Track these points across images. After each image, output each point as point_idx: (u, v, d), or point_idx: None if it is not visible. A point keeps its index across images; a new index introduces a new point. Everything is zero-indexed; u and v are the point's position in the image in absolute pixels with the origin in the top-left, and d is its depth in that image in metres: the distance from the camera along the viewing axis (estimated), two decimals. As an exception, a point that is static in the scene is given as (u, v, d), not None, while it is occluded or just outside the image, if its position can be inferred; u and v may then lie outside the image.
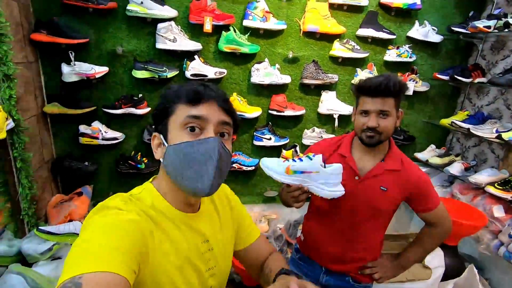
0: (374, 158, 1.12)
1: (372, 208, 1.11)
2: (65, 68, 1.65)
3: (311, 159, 0.96)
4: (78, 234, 1.55)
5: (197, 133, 0.62)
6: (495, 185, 1.80)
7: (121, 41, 1.78)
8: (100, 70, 1.72)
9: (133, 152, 1.93)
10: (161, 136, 0.65)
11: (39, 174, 1.66)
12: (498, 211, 1.78)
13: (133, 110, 1.81)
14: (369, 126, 1.03)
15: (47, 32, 1.57)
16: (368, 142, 1.07)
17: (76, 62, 1.66)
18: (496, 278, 1.94)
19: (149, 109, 1.86)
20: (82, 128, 1.78)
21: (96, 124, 1.80)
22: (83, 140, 1.79)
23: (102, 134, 1.81)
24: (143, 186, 0.69)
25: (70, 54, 1.64)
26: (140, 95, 1.85)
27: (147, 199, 0.65)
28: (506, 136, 1.72)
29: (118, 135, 1.86)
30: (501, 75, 1.84)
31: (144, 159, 1.92)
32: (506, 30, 1.78)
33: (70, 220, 1.64)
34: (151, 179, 0.72)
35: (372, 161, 1.12)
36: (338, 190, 0.97)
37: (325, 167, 0.96)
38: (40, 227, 1.51)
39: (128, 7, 1.67)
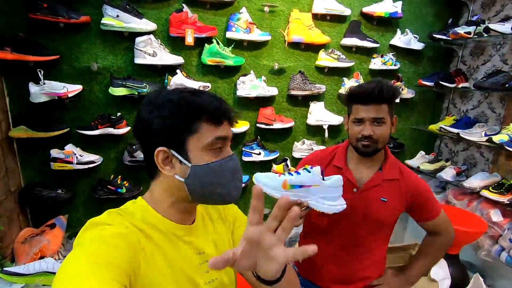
0: (371, 168, 1.07)
1: (374, 220, 1.06)
2: (33, 87, 1.51)
3: (309, 172, 0.88)
4: (51, 273, 1.40)
5: (219, 151, 0.64)
6: (490, 188, 1.78)
7: (96, 57, 1.66)
8: (73, 89, 1.59)
9: (112, 176, 1.77)
10: (174, 152, 0.62)
11: (4, 206, 1.48)
12: (496, 216, 1.75)
13: (111, 130, 1.67)
14: (364, 134, 1.00)
15: (12, 49, 1.43)
16: (364, 151, 1.02)
17: (45, 81, 1.52)
18: (499, 285, 1.89)
19: (128, 128, 1.73)
20: (54, 153, 1.62)
21: (70, 148, 1.64)
22: (55, 165, 1.63)
23: (77, 158, 1.65)
24: (133, 200, 0.69)
25: (38, 72, 1.50)
26: (119, 114, 1.72)
27: (137, 213, 0.64)
28: (496, 138, 1.71)
29: (95, 158, 1.71)
30: (485, 79, 1.86)
31: (125, 182, 1.77)
32: (486, 35, 1.82)
33: (42, 257, 1.46)
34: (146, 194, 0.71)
35: (369, 172, 1.07)
36: (339, 204, 0.90)
37: (323, 179, 0.88)
38: (5, 268, 1.34)
39: (103, 21, 1.56)
